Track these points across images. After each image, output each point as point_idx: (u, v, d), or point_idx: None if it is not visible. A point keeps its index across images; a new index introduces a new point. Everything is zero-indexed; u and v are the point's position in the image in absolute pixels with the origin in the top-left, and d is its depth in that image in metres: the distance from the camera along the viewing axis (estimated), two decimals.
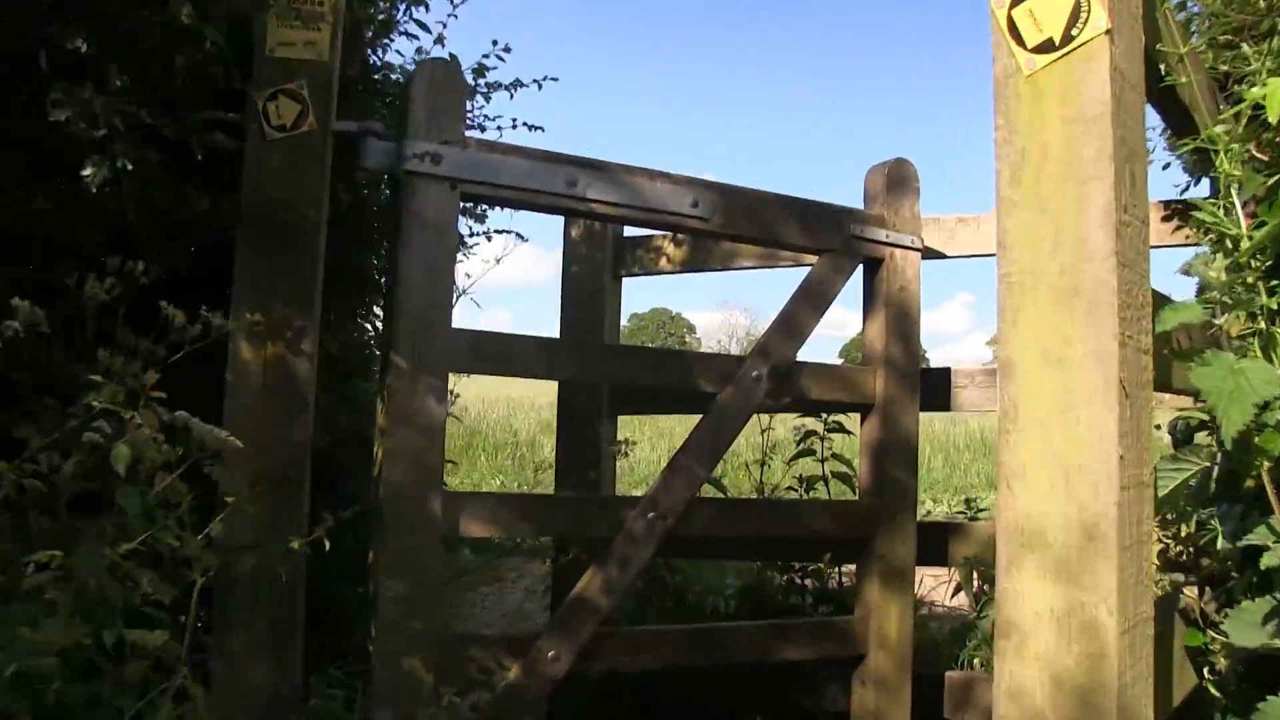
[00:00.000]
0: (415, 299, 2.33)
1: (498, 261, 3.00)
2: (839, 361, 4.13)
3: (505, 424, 13.00)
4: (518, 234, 2.94)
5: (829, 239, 2.87)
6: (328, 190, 2.34)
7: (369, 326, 3.53)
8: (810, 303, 2.85)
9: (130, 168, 1.85)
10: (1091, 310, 1.36)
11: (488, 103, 2.96)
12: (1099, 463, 1.31)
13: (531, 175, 2.45)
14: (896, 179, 3.04)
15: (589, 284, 3.69)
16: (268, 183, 2.26)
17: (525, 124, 2.98)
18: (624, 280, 3.81)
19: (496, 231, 3.08)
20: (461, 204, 3.09)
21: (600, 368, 2.63)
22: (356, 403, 2.62)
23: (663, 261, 3.70)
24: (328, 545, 2.04)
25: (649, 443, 12.75)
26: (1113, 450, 1.30)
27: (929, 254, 3.20)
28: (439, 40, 3.28)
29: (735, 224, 2.73)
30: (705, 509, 2.67)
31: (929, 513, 9.41)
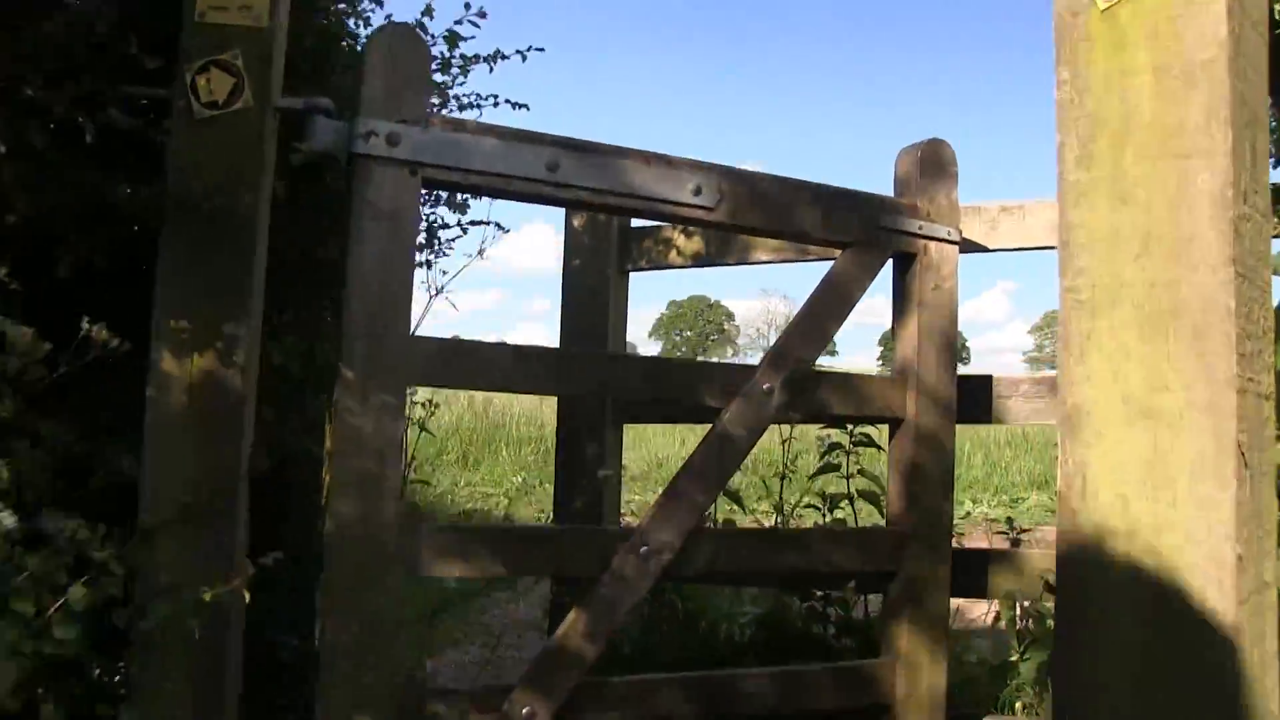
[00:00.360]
0: (366, 300, 2.01)
1: (480, 254, 2.66)
2: (876, 351, 3.75)
3: (531, 418, 12.67)
4: (497, 224, 2.62)
5: (854, 230, 2.52)
6: (269, 175, 2.03)
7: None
8: (831, 303, 2.50)
9: (3, 149, 1.53)
10: (1197, 341, 0.96)
11: (465, 77, 2.61)
12: (1207, 564, 0.92)
13: (506, 157, 2.12)
14: (931, 162, 2.67)
15: (591, 278, 3.37)
16: (196, 167, 1.94)
17: (508, 101, 2.64)
18: (631, 275, 3.48)
19: (472, 223, 2.75)
20: (435, 191, 2.78)
21: (587, 379, 2.29)
22: (313, 420, 2.30)
23: (672, 254, 3.36)
24: (248, 596, 1.74)
25: (678, 436, 12.41)
26: (1228, 548, 0.90)
27: (968, 246, 2.83)
28: (427, 12, 2.95)
29: (745, 214, 2.38)
30: (708, 542, 2.34)
31: (968, 514, 8.99)
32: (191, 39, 1.96)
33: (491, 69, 2.59)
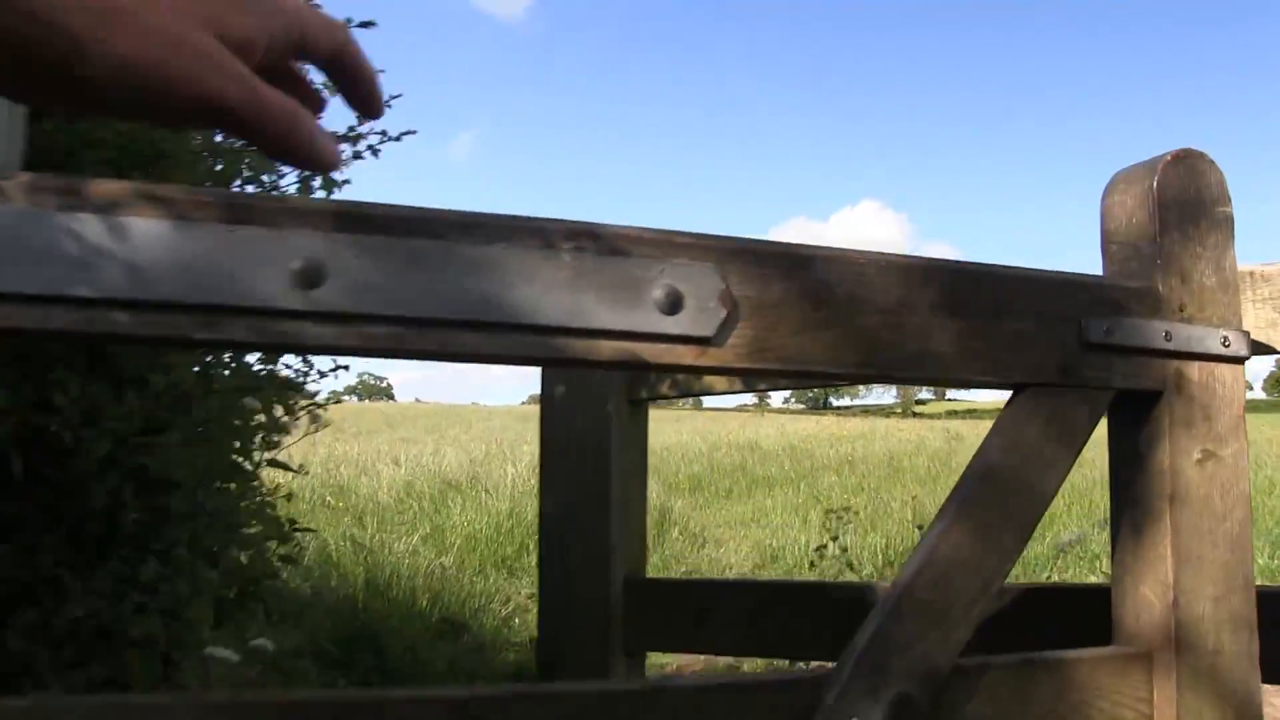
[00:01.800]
0: None
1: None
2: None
3: (770, 454, 11.30)
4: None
5: (1034, 359, 1.19)
6: None
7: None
8: (990, 517, 1.17)
9: None
10: None
11: None
12: None
13: (163, 260, 0.87)
14: (1181, 199, 1.33)
15: (585, 415, 2.10)
16: None
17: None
18: (648, 406, 2.19)
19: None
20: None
21: None
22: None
23: (709, 377, 2.06)
24: None
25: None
26: None
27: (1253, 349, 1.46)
28: None
29: (788, 342, 1.08)
30: None
31: None
32: None
33: None
